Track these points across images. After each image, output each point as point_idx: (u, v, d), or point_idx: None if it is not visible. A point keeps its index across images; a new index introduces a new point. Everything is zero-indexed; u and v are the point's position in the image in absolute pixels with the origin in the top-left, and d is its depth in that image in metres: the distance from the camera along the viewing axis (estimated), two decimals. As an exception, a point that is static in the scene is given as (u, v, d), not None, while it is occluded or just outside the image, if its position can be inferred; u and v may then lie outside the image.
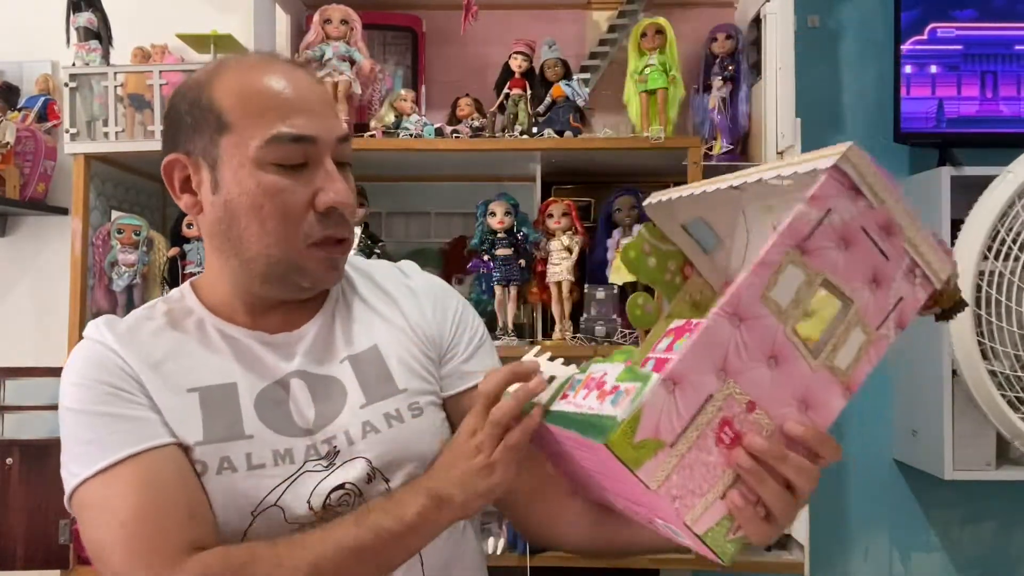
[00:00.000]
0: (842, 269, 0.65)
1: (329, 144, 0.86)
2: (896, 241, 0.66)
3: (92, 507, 0.81)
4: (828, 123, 2.01)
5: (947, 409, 1.75)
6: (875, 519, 2.01)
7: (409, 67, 1.92)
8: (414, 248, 1.92)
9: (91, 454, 0.81)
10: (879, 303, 0.67)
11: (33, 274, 2.00)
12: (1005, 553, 1.99)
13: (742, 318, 0.62)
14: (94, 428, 0.82)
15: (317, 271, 0.87)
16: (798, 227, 0.62)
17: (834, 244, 0.64)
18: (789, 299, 0.63)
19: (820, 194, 0.63)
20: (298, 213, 0.84)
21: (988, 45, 1.87)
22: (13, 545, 1.61)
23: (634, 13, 1.82)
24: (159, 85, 1.64)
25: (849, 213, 0.64)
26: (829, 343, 0.65)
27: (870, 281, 0.66)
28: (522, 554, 1.54)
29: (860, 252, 0.65)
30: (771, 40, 1.69)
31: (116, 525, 0.78)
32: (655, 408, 0.60)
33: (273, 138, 0.83)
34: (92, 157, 1.68)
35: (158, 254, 1.71)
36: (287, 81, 0.86)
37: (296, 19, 1.91)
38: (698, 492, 0.63)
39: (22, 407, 1.63)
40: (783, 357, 0.64)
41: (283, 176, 0.84)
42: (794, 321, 0.64)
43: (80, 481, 0.81)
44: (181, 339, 0.89)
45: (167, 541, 0.77)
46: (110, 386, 0.84)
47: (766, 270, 0.62)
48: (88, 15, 1.70)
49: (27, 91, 1.97)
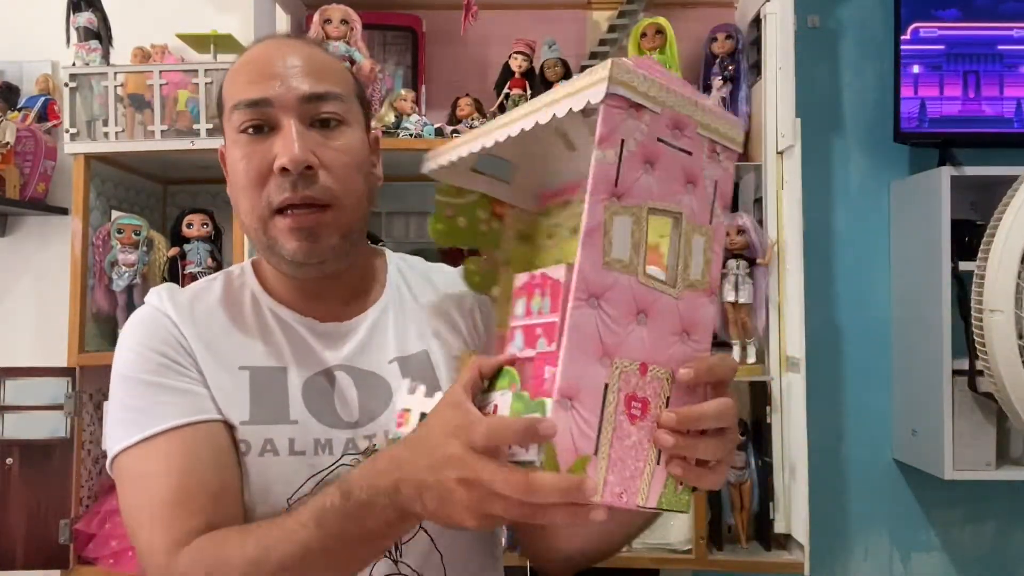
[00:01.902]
0: (658, 189, 0.63)
1: (289, 105, 0.83)
2: (689, 131, 0.64)
3: (129, 477, 0.83)
4: (828, 123, 2.01)
5: (947, 409, 1.75)
6: (875, 519, 2.01)
7: (409, 67, 1.92)
8: (414, 248, 1.89)
9: (136, 422, 0.82)
10: (700, 199, 0.66)
11: (33, 274, 2.00)
12: (1005, 553, 1.99)
13: (597, 295, 0.59)
14: (142, 396, 0.83)
15: (286, 241, 0.84)
16: (603, 176, 0.59)
17: (641, 171, 0.61)
18: (628, 248, 0.61)
19: (606, 131, 0.59)
20: (261, 178, 0.84)
21: (971, 45, 1.87)
22: (13, 545, 1.61)
23: (634, 13, 1.82)
24: (159, 85, 1.64)
25: (640, 132, 0.61)
26: (679, 264, 0.64)
27: (686, 184, 0.65)
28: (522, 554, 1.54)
29: (666, 163, 0.63)
30: (771, 40, 1.69)
31: (146, 501, 0.80)
32: (564, 432, 0.58)
33: (234, 107, 0.85)
34: (92, 157, 1.68)
35: (158, 254, 1.71)
36: (262, 52, 0.88)
37: (296, 19, 1.91)
38: (636, 474, 0.61)
39: (22, 407, 1.63)
40: (648, 305, 0.62)
41: (248, 143, 0.85)
42: (642, 265, 0.62)
43: (122, 448, 0.82)
44: (237, 316, 0.90)
45: (185, 524, 0.78)
46: (163, 356, 0.85)
47: (596, 237, 0.59)
48: (88, 15, 1.70)
49: (27, 91, 1.97)
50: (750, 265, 1.66)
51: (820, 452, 1.79)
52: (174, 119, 1.66)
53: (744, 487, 1.67)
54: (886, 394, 2.01)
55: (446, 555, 0.88)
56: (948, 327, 1.74)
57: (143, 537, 0.80)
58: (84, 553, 1.63)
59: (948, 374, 1.75)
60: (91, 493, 1.68)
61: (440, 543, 0.88)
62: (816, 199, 1.95)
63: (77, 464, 1.63)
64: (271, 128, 0.84)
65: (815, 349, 1.73)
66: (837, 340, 2.01)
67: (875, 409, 2.00)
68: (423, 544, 0.87)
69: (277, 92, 0.84)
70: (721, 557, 1.64)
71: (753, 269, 1.66)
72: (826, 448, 1.96)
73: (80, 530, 1.62)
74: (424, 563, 0.87)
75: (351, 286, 0.93)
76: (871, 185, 2.02)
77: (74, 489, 1.62)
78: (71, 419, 1.62)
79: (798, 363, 1.61)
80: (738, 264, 1.66)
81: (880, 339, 2.01)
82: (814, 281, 1.83)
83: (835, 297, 2.02)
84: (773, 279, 1.67)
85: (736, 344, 1.68)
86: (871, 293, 2.01)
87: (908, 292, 1.94)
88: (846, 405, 2.01)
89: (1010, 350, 1.56)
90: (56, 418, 1.62)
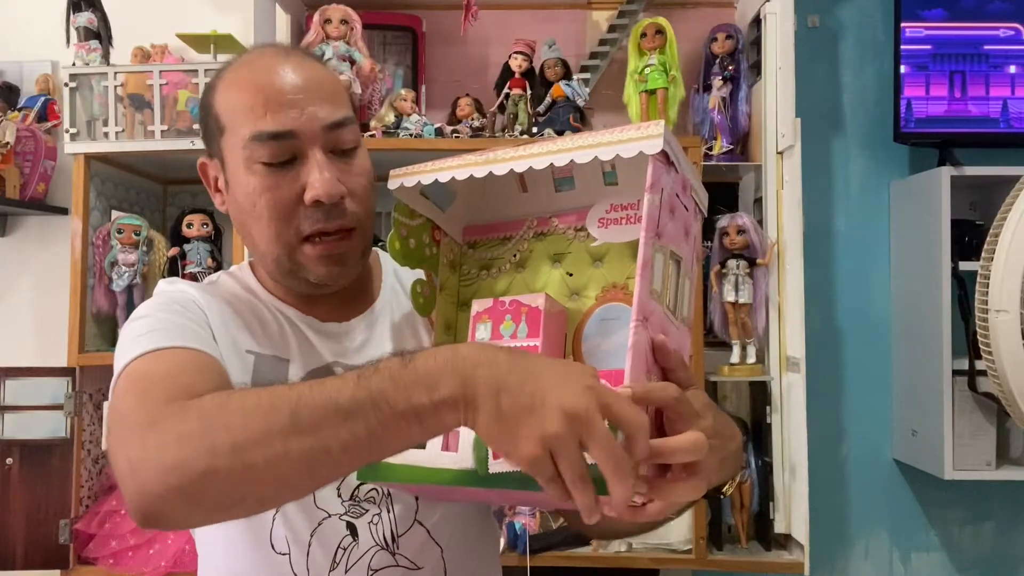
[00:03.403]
0: (673, 235, 0.71)
1: (314, 135, 0.83)
2: (688, 191, 0.75)
3: (129, 378, 0.75)
4: (828, 123, 2.01)
5: (947, 409, 1.75)
6: (875, 519, 2.01)
7: (409, 67, 1.92)
8: (414, 248, 1.91)
9: (149, 339, 0.78)
10: (691, 250, 0.76)
11: (33, 274, 2.00)
12: (1005, 553, 1.99)
13: (647, 318, 0.66)
14: (153, 326, 0.80)
15: (315, 267, 0.85)
16: (653, 217, 0.67)
17: (668, 218, 0.70)
18: (660, 281, 0.69)
19: (655, 179, 0.67)
20: (288, 210, 0.83)
21: (957, 45, 1.87)
22: (13, 545, 1.61)
23: (634, 13, 1.82)
24: (159, 85, 1.64)
25: (669, 185, 0.70)
26: (678, 301, 0.73)
27: (685, 235, 0.74)
28: (522, 554, 1.54)
29: (678, 214, 0.72)
30: (771, 40, 1.69)
31: (141, 389, 0.73)
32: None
33: (253, 137, 0.82)
34: (92, 157, 1.68)
35: (158, 254, 1.71)
36: (271, 74, 0.84)
37: (296, 19, 1.91)
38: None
39: (22, 407, 1.63)
40: (666, 330, 0.70)
41: (270, 174, 0.83)
42: (666, 297, 0.70)
43: (129, 359, 0.76)
44: (244, 309, 0.90)
45: (175, 392, 0.70)
46: (185, 309, 0.84)
47: (647, 270, 0.66)
48: (88, 15, 1.70)
49: (27, 91, 1.97)
50: (750, 265, 1.66)
51: (820, 452, 1.79)
52: (174, 119, 1.66)
53: (744, 487, 1.67)
54: (886, 394, 2.00)
55: (446, 549, 0.89)
56: (948, 327, 1.74)
57: (123, 407, 0.71)
58: (84, 553, 1.63)
59: (948, 374, 1.75)
60: (91, 493, 1.68)
61: (438, 537, 0.88)
62: (816, 199, 1.95)
63: (77, 464, 1.63)
64: (292, 157, 0.83)
65: (815, 349, 1.73)
66: (837, 340, 2.01)
67: (875, 409, 2.00)
68: (420, 537, 0.87)
69: (300, 124, 0.82)
70: (721, 557, 1.64)
71: (753, 269, 1.66)
72: (826, 448, 1.96)
73: (80, 530, 1.62)
74: (423, 556, 0.87)
75: (350, 289, 0.94)
76: (871, 185, 2.02)
77: (74, 489, 1.62)
78: (71, 419, 1.62)
79: (798, 363, 1.61)
80: (738, 264, 1.66)
81: (880, 339, 2.01)
82: (814, 281, 1.83)
83: (835, 297, 2.01)
84: (773, 279, 1.67)
85: (736, 344, 1.68)
86: (871, 293, 2.01)
87: (908, 292, 1.94)
88: (846, 405, 2.01)
89: (1016, 350, 1.57)
90: (56, 418, 1.62)
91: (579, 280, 0.83)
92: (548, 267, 0.85)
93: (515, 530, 1.58)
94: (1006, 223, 1.58)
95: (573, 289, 0.83)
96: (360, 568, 0.85)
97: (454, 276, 0.90)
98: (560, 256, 0.84)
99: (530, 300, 0.74)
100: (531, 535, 1.60)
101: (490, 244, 0.90)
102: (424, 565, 0.87)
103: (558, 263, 0.84)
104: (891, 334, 2.00)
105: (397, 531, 0.86)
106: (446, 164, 0.78)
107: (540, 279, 0.85)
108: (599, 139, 0.70)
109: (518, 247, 0.87)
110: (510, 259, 0.88)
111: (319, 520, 0.85)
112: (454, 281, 0.90)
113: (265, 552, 0.84)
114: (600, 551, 1.63)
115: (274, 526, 0.84)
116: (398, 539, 0.86)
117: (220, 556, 0.88)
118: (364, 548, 0.85)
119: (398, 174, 0.81)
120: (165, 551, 1.60)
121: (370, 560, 0.85)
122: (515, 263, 0.87)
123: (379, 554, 0.86)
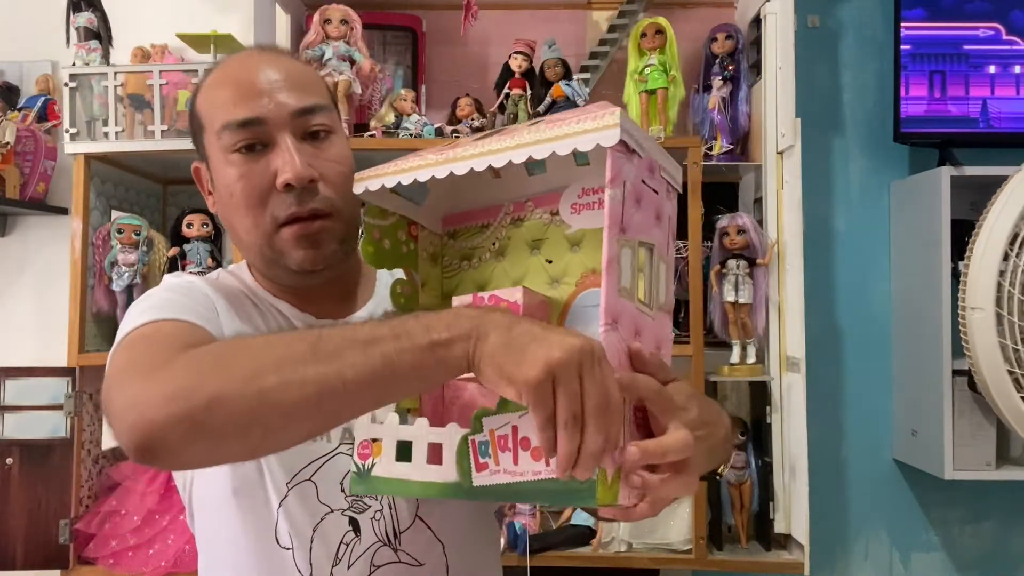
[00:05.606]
0: (642, 224, 0.70)
1: (282, 121, 0.84)
2: (657, 173, 0.73)
3: (128, 341, 0.75)
4: (828, 123, 2.01)
5: (947, 409, 1.75)
6: (875, 519, 2.01)
7: (409, 67, 1.92)
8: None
9: (149, 315, 0.77)
10: (664, 232, 0.75)
11: (33, 274, 2.00)
12: (1005, 553, 1.99)
13: (616, 320, 0.65)
14: (155, 304, 0.80)
15: (292, 251, 0.85)
16: (615, 213, 0.65)
17: (634, 208, 0.68)
18: (629, 277, 0.67)
19: (615, 172, 0.65)
20: (262, 196, 0.84)
21: (936, 45, 1.87)
22: (13, 545, 1.61)
23: (634, 13, 1.82)
24: (159, 85, 1.64)
25: (632, 173, 0.68)
26: (653, 289, 0.72)
27: (656, 219, 0.73)
28: (522, 554, 1.54)
29: (646, 201, 0.70)
30: (771, 40, 1.69)
31: (139, 338, 0.74)
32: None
33: (223, 127, 0.85)
34: (92, 157, 1.68)
35: (158, 254, 1.71)
36: (244, 69, 0.87)
37: (296, 19, 1.91)
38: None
39: (22, 407, 1.63)
40: (641, 327, 0.69)
41: (245, 162, 0.85)
42: (637, 291, 0.69)
43: (128, 331, 0.76)
44: (244, 304, 0.91)
45: (181, 349, 0.69)
46: (187, 291, 0.85)
47: (613, 269, 0.65)
48: (88, 15, 1.70)
49: (27, 91, 1.97)
50: (750, 265, 1.66)
51: (820, 452, 1.79)
52: (174, 119, 1.66)
53: (744, 487, 1.67)
54: (886, 394, 2.00)
55: (447, 545, 0.89)
56: (948, 327, 1.74)
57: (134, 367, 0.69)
58: (84, 553, 1.63)
59: (948, 374, 1.75)
60: (91, 493, 1.68)
61: (440, 533, 0.88)
62: (816, 199, 1.95)
63: (77, 464, 1.63)
64: (264, 145, 0.85)
65: (815, 349, 1.73)
66: (837, 340, 2.01)
67: (875, 409, 2.00)
68: (422, 533, 0.88)
69: (268, 110, 0.84)
70: (721, 557, 1.64)
71: (753, 269, 1.66)
72: (826, 448, 1.96)
73: (80, 530, 1.62)
74: (424, 553, 0.87)
75: (344, 287, 0.95)
76: (871, 185, 2.02)
77: (74, 489, 1.62)
78: (71, 419, 1.62)
79: (798, 363, 1.62)
80: (738, 264, 1.66)
81: (880, 339, 2.01)
82: (814, 281, 1.83)
83: (835, 297, 2.01)
84: (773, 279, 1.67)
85: (736, 344, 1.68)
86: (871, 293, 2.01)
87: (908, 292, 1.94)
88: (846, 405, 2.01)
89: (992, 347, 1.57)
90: (56, 418, 1.62)
91: (558, 267, 0.83)
92: (527, 254, 0.85)
93: (515, 530, 1.58)
94: (984, 223, 1.59)
95: (554, 276, 0.83)
96: (362, 564, 0.85)
97: (436, 268, 0.90)
98: (538, 243, 0.84)
99: (508, 295, 0.74)
100: (531, 535, 1.60)
101: (469, 233, 0.89)
102: (426, 561, 0.87)
103: (537, 250, 0.84)
104: (891, 334, 2.00)
105: (399, 527, 0.87)
106: (408, 164, 0.77)
107: (520, 267, 0.85)
108: (556, 132, 0.68)
109: (496, 235, 0.87)
110: (489, 247, 0.87)
111: (322, 515, 0.85)
112: (436, 273, 0.90)
113: (270, 547, 0.85)
114: (600, 551, 1.63)
115: (278, 520, 0.85)
116: (400, 535, 0.87)
117: (223, 552, 0.88)
118: (366, 544, 0.86)
119: (361, 177, 0.81)
120: (165, 551, 1.60)
121: (372, 556, 0.86)
122: (495, 251, 0.87)
123: (381, 550, 0.86)
